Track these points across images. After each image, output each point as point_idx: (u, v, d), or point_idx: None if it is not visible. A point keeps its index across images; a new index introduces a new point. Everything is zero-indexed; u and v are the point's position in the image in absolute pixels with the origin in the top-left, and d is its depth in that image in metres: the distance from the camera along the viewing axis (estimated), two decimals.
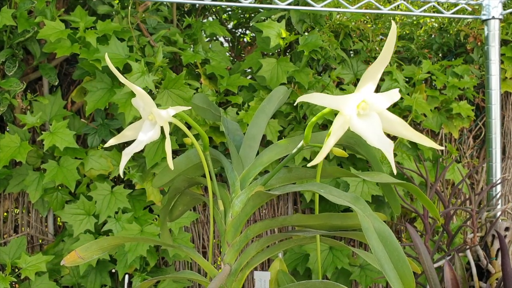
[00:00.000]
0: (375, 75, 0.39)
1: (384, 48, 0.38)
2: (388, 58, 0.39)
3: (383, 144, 0.39)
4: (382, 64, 0.39)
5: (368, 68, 0.39)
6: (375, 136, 0.39)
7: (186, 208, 0.78)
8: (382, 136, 0.39)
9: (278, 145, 0.64)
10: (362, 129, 0.39)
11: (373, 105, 0.40)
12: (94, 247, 0.55)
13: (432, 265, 0.91)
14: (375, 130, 0.39)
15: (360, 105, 0.40)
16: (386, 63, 0.39)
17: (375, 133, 0.39)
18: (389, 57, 0.39)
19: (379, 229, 0.42)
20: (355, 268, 1.42)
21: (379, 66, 0.39)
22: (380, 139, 0.39)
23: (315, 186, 0.51)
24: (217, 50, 1.41)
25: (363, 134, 0.39)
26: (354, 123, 0.40)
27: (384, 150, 0.39)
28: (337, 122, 0.41)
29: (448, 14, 1.33)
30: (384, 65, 0.39)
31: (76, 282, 1.36)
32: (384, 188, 0.63)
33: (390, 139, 0.42)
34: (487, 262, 1.14)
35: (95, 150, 1.32)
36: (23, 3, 1.17)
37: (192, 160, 0.70)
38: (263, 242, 0.62)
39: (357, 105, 0.40)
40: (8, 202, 1.44)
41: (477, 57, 1.59)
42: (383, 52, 0.38)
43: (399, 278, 0.39)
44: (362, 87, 0.40)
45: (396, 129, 0.40)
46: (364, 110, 0.40)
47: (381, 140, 0.39)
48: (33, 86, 1.45)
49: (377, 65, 0.39)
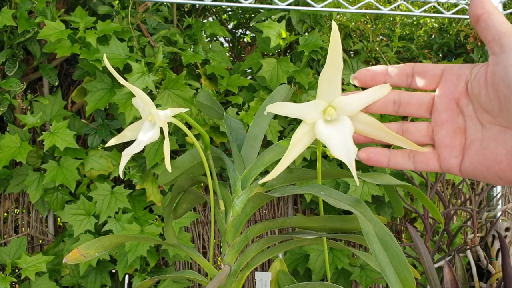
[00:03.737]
0: (330, 81, 0.36)
1: (329, 52, 0.35)
2: (337, 62, 0.35)
3: (347, 154, 0.36)
4: (334, 69, 0.36)
5: (321, 75, 0.36)
6: (341, 144, 0.37)
7: (190, 206, 0.78)
8: (349, 144, 0.36)
9: (279, 145, 0.64)
10: (327, 137, 0.37)
11: (343, 109, 0.37)
12: (96, 245, 0.55)
13: (433, 265, 0.91)
14: (343, 137, 0.37)
15: (327, 110, 0.37)
16: (337, 67, 0.36)
17: (341, 141, 0.37)
18: (337, 60, 0.35)
19: (380, 233, 0.42)
20: (355, 268, 1.42)
21: (331, 73, 0.36)
22: (346, 148, 0.36)
23: (315, 188, 0.51)
24: (217, 50, 1.41)
25: (327, 143, 0.37)
26: (319, 130, 0.37)
27: (347, 162, 0.36)
28: (299, 132, 0.38)
29: (448, 15, 1.33)
30: (336, 69, 0.36)
31: (76, 282, 1.36)
32: (387, 190, 0.63)
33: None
34: (488, 262, 1.14)
35: (95, 150, 1.32)
36: (24, 4, 1.17)
37: (196, 158, 0.70)
38: (263, 243, 0.62)
39: (323, 111, 0.38)
40: (8, 202, 1.44)
41: (477, 57, 1.59)
42: (329, 56, 0.35)
43: (400, 282, 0.39)
44: (320, 93, 0.37)
45: (374, 132, 0.38)
46: (331, 115, 0.37)
47: (346, 150, 0.36)
48: (33, 86, 1.45)
49: (328, 71, 0.36)
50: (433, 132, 0.37)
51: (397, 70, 0.38)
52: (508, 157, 0.33)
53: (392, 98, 0.38)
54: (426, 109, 0.37)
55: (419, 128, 0.38)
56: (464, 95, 0.35)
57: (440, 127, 0.36)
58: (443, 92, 0.36)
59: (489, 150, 0.34)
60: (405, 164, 0.38)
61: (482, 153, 0.34)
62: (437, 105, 0.37)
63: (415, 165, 0.38)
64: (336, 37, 0.35)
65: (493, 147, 0.34)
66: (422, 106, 0.37)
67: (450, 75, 0.36)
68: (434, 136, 0.37)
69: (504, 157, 0.33)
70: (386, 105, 0.38)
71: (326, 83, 0.37)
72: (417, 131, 0.38)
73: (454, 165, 0.36)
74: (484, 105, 0.34)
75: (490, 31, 0.33)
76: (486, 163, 0.34)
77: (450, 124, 0.36)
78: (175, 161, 0.70)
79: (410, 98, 0.38)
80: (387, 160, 0.38)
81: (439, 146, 0.36)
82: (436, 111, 0.37)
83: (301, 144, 0.39)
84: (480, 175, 0.34)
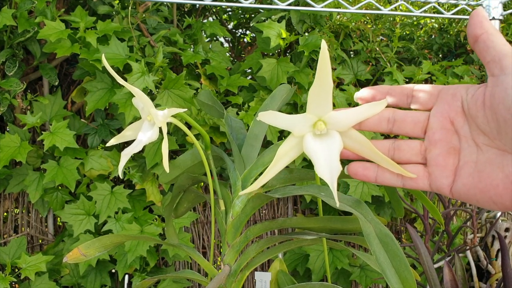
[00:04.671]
0: (319, 97, 0.35)
1: (318, 70, 0.34)
2: (325, 80, 0.34)
3: (330, 174, 0.35)
4: (322, 87, 0.35)
5: (310, 92, 0.35)
6: (326, 162, 0.36)
7: (191, 205, 0.78)
8: (335, 162, 0.36)
9: (279, 145, 0.63)
10: (314, 151, 0.36)
11: (334, 124, 0.36)
12: (97, 245, 0.55)
13: (432, 265, 0.91)
14: (330, 154, 0.36)
15: (317, 124, 0.36)
16: (326, 85, 0.35)
17: (327, 158, 0.36)
18: (326, 78, 0.34)
19: (381, 234, 0.42)
20: (355, 268, 1.42)
21: (320, 90, 0.35)
22: (330, 167, 0.35)
23: (315, 189, 0.50)
24: (217, 50, 1.41)
25: (313, 159, 0.36)
26: (306, 144, 0.36)
27: (329, 182, 0.35)
28: (286, 144, 0.37)
29: (448, 15, 1.33)
30: (325, 87, 0.35)
31: (76, 282, 1.36)
32: (387, 190, 0.62)
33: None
34: (487, 262, 1.13)
35: (95, 150, 1.32)
36: (24, 3, 1.17)
37: (197, 157, 0.70)
38: (263, 244, 0.62)
39: (313, 124, 0.37)
40: (8, 202, 1.44)
41: (477, 58, 1.59)
42: (317, 74, 0.34)
43: (401, 283, 0.39)
44: (309, 108, 0.36)
45: (363, 150, 0.37)
46: (320, 130, 0.36)
47: (330, 169, 0.35)
48: (33, 86, 1.45)
49: (317, 89, 0.35)
50: (426, 151, 0.36)
51: (399, 89, 0.37)
52: (506, 182, 0.32)
53: (387, 116, 0.37)
54: (421, 129, 0.36)
55: (412, 146, 0.37)
56: (459, 114, 0.34)
57: (433, 146, 0.35)
58: (438, 111, 0.35)
59: (485, 173, 0.33)
60: (393, 180, 0.37)
61: (477, 176, 0.33)
62: (431, 124, 0.36)
63: (404, 182, 0.37)
64: (325, 55, 0.34)
65: (489, 171, 0.32)
66: (417, 125, 0.36)
67: (446, 94, 0.35)
68: (427, 155, 0.36)
69: (501, 181, 0.32)
70: (380, 123, 0.37)
71: (316, 98, 0.36)
72: (410, 149, 0.37)
73: (445, 185, 0.35)
74: (482, 127, 0.33)
75: (489, 52, 0.32)
76: (481, 186, 0.33)
77: (444, 143, 0.35)
78: (175, 160, 0.70)
79: (405, 117, 0.37)
80: (375, 175, 0.37)
81: (431, 164, 0.36)
82: (430, 130, 0.36)
83: (287, 157, 0.38)
84: (473, 198, 0.33)
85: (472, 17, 0.33)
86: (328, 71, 0.35)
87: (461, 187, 0.34)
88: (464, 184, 0.34)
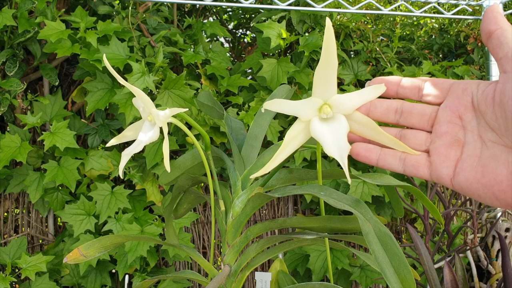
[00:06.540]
0: (325, 78, 0.36)
1: (323, 49, 0.34)
2: (331, 59, 0.35)
3: (339, 153, 0.36)
4: (328, 66, 0.35)
5: (315, 72, 0.36)
6: (334, 142, 0.36)
7: (190, 206, 0.78)
8: (343, 142, 0.36)
9: (279, 145, 0.64)
10: (321, 134, 0.37)
11: (339, 107, 0.37)
12: (97, 245, 0.55)
13: (433, 265, 0.91)
14: (337, 135, 0.36)
15: (322, 108, 0.37)
16: (332, 64, 0.35)
17: (335, 139, 0.36)
18: (331, 57, 0.35)
19: (380, 234, 0.42)
20: (355, 268, 1.42)
21: (326, 70, 0.36)
22: (339, 146, 0.36)
23: (315, 189, 0.50)
24: (218, 50, 1.41)
25: (321, 141, 0.37)
26: (313, 128, 0.37)
27: (340, 160, 0.36)
28: (294, 129, 0.38)
29: (448, 15, 1.33)
30: (331, 67, 0.36)
31: (76, 282, 1.36)
32: (387, 190, 0.63)
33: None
34: (488, 263, 1.13)
35: (95, 150, 1.32)
36: (24, 4, 1.17)
37: (197, 158, 0.70)
38: (263, 243, 0.62)
39: (319, 108, 0.37)
40: (9, 202, 1.44)
41: (478, 58, 1.59)
42: (323, 53, 0.35)
43: (400, 282, 0.39)
44: (315, 91, 0.37)
45: (368, 132, 0.37)
46: (326, 113, 0.37)
47: (339, 148, 0.36)
48: (34, 86, 1.45)
49: (322, 69, 0.36)
50: (431, 142, 0.36)
51: (410, 82, 0.37)
52: (510, 179, 0.32)
53: (395, 107, 0.37)
54: (427, 121, 0.37)
55: (417, 136, 0.37)
56: (468, 109, 0.35)
57: (438, 138, 0.36)
58: (447, 105, 0.36)
59: (489, 168, 0.33)
60: (394, 165, 0.37)
61: (480, 171, 0.33)
62: (439, 117, 0.36)
63: (405, 168, 0.37)
64: (330, 33, 0.34)
65: (493, 166, 0.32)
66: (424, 117, 0.37)
67: (457, 89, 0.35)
68: (430, 146, 0.36)
69: (505, 177, 0.32)
70: (388, 113, 0.38)
71: (321, 80, 0.37)
72: (414, 138, 0.37)
73: (445, 174, 0.35)
74: (490, 123, 0.33)
75: (503, 48, 0.32)
76: (484, 181, 0.33)
77: (449, 136, 0.35)
78: (175, 161, 0.70)
79: (412, 108, 0.37)
80: (377, 158, 0.38)
81: (433, 153, 0.36)
82: (437, 123, 0.36)
83: (295, 142, 0.39)
84: (475, 192, 0.33)
85: (487, 13, 0.33)
86: (333, 50, 0.35)
87: (463, 180, 0.34)
88: (466, 178, 0.34)
